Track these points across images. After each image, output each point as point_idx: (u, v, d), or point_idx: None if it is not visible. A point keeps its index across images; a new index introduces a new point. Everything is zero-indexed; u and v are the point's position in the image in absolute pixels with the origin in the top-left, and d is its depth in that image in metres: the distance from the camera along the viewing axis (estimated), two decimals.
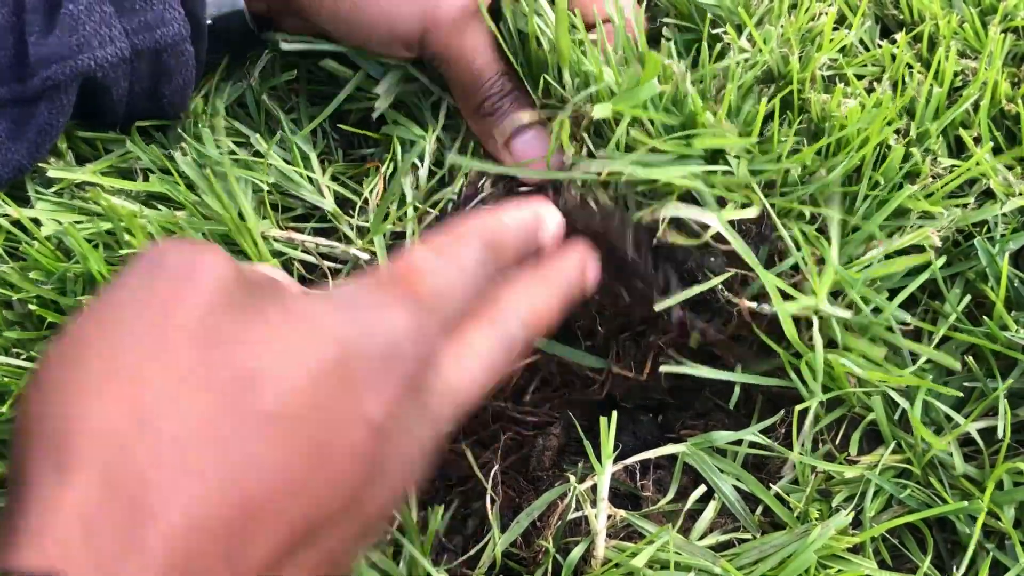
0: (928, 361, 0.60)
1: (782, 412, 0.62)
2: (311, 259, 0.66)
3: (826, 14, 0.69)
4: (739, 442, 0.61)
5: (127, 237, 0.60)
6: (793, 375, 0.59)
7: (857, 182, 0.63)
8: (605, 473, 0.56)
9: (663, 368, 0.60)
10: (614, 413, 0.57)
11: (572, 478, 0.59)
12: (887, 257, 0.62)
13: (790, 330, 0.58)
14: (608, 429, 0.56)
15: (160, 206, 0.65)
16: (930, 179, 0.65)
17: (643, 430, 0.66)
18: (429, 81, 0.69)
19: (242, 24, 0.66)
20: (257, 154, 0.68)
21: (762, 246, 0.60)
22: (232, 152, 0.67)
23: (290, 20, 0.68)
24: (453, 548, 0.59)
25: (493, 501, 0.60)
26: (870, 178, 0.63)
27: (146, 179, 0.66)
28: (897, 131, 0.66)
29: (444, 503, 0.61)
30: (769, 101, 0.62)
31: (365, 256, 0.66)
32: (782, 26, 0.69)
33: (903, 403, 0.59)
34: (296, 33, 0.68)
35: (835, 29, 0.71)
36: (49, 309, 0.60)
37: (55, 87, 0.58)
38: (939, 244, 0.62)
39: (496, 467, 0.61)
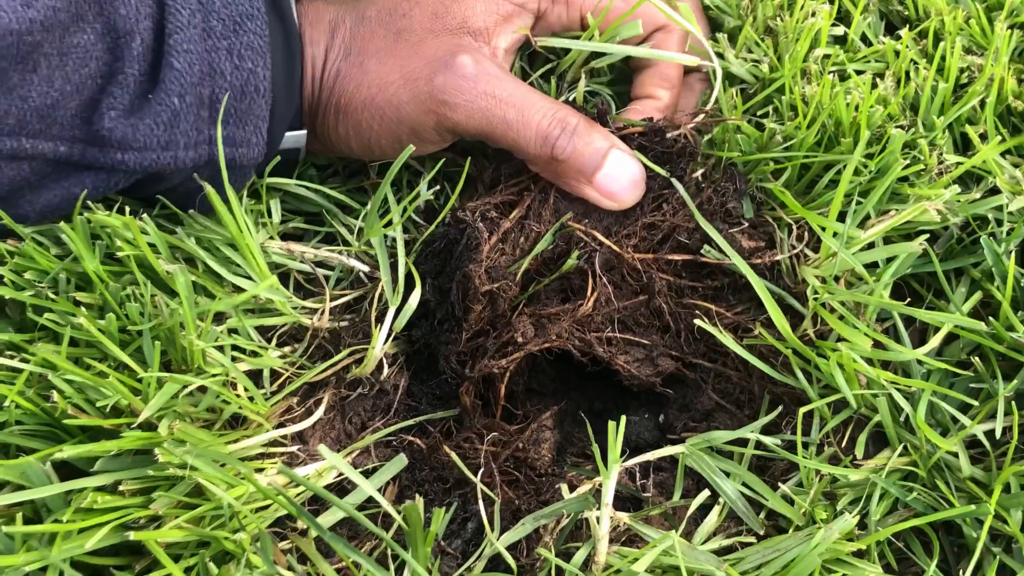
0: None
1: (780, 408, 0.60)
2: (309, 269, 0.65)
3: (820, 13, 0.68)
4: (743, 443, 0.59)
5: (119, 243, 0.58)
6: (800, 375, 0.58)
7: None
8: (611, 478, 0.54)
9: (697, 322, 0.60)
10: (623, 418, 0.55)
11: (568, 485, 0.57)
12: (886, 242, 0.61)
13: (779, 319, 0.57)
14: (616, 433, 0.54)
15: (160, 219, 0.63)
16: (936, 174, 0.64)
17: (644, 430, 0.65)
18: None
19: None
20: None
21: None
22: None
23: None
24: (452, 552, 0.57)
25: (492, 503, 0.58)
26: (865, 165, 0.62)
27: None
28: (900, 126, 0.64)
29: (444, 506, 0.60)
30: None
31: (363, 267, 0.65)
32: (778, 22, 0.68)
33: (906, 406, 0.58)
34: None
35: (835, 25, 0.70)
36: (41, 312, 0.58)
37: (120, 171, 0.56)
38: (937, 217, 0.60)
39: (493, 466, 0.60)
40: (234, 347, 0.59)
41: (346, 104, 0.63)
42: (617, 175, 0.62)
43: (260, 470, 0.57)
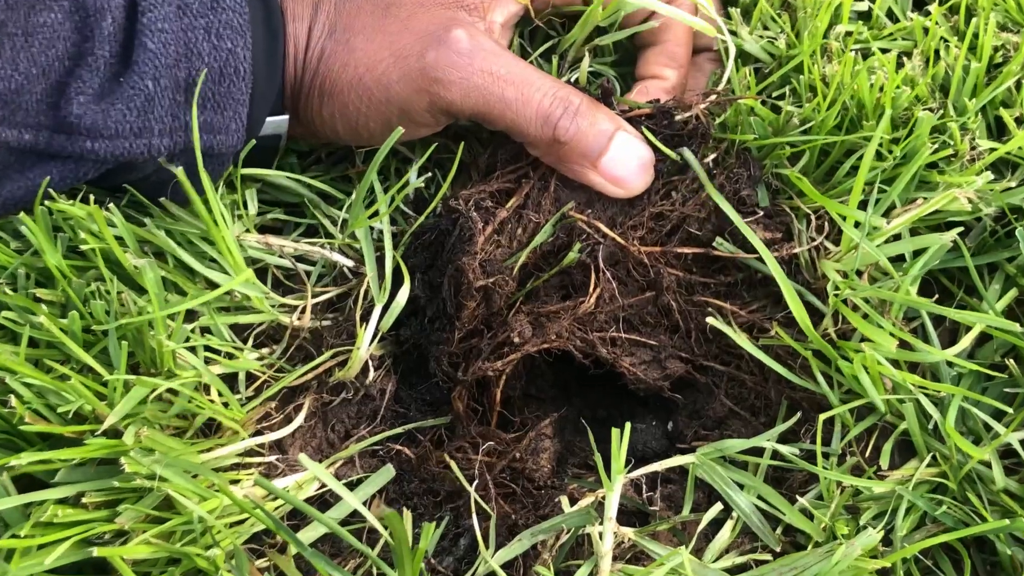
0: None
1: (799, 415, 0.60)
2: (288, 263, 0.65)
3: None
4: (758, 452, 0.59)
5: (82, 235, 0.58)
6: (821, 379, 0.58)
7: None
8: (615, 491, 0.54)
9: (709, 320, 0.60)
10: (628, 425, 0.55)
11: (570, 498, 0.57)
12: (913, 234, 0.61)
13: (802, 317, 0.56)
14: (620, 442, 0.54)
15: (128, 210, 0.63)
16: (967, 160, 0.63)
17: (651, 439, 0.65)
18: None
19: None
20: None
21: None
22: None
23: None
24: (443, 571, 0.57)
25: (487, 517, 0.58)
26: (890, 150, 0.61)
27: None
28: (929, 109, 0.64)
29: (434, 520, 0.59)
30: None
31: (347, 262, 0.65)
32: None
33: (935, 413, 0.57)
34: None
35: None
36: None
37: (89, 161, 0.56)
38: (968, 207, 0.60)
39: (488, 477, 0.60)
40: (207, 348, 0.59)
41: (331, 85, 0.63)
42: (624, 158, 0.62)
43: (235, 481, 0.57)
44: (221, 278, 0.60)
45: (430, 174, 0.69)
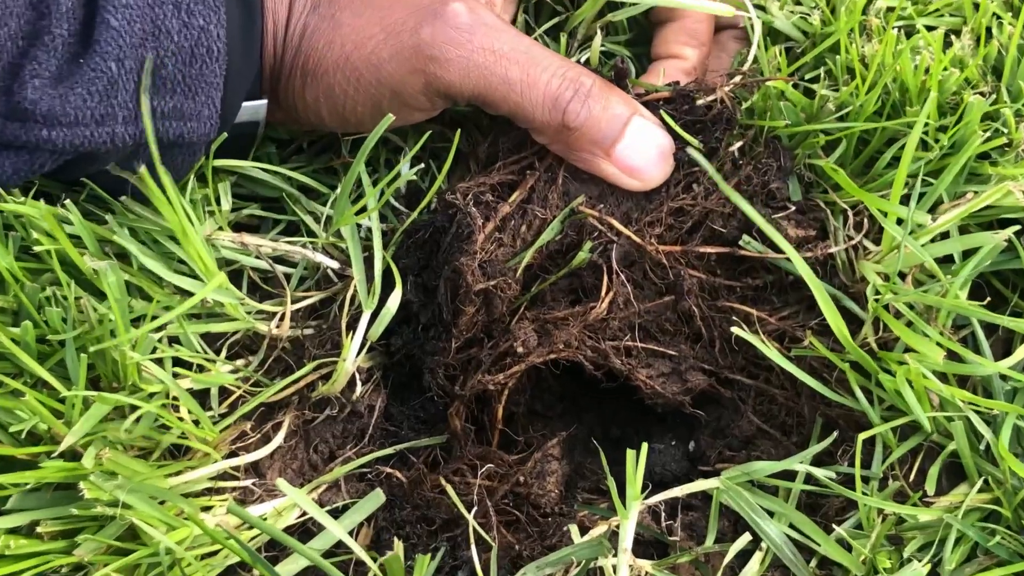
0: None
1: (835, 434, 0.59)
2: (266, 265, 0.64)
3: None
4: (789, 476, 0.58)
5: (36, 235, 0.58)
6: (860, 394, 0.57)
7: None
8: (630, 519, 0.53)
9: (735, 328, 0.60)
10: (644, 445, 0.54)
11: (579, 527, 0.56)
12: (962, 232, 0.60)
13: (838, 325, 0.56)
14: (636, 464, 0.54)
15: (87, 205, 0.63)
16: (1023, 150, 0.63)
17: (670, 461, 0.65)
18: None
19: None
20: None
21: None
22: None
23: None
24: None
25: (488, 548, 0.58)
26: (936, 138, 0.61)
27: None
28: (980, 93, 0.64)
29: (429, 551, 0.59)
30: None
31: (332, 263, 0.65)
32: None
33: (987, 432, 0.57)
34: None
35: None
36: None
37: (46, 151, 0.55)
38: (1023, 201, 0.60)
39: (488, 503, 0.60)
40: (176, 360, 0.59)
41: (315, 65, 0.62)
42: (640, 146, 0.62)
43: (207, 509, 0.57)
44: (190, 284, 0.60)
45: (424, 165, 0.69)
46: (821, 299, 0.58)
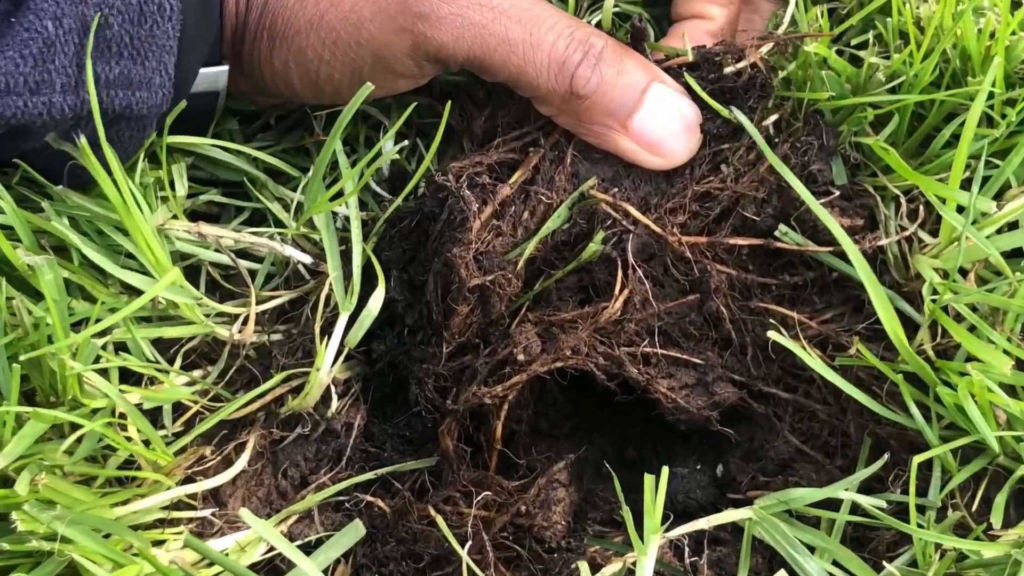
0: None
1: (886, 457, 0.59)
2: (227, 260, 0.64)
3: None
4: (833, 505, 0.58)
5: None
6: (915, 410, 0.56)
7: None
8: (649, 555, 0.53)
9: (771, 333, 0.60)
10: (665, 469, 0.54)
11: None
12: None
13: (895, 331, 0.55)
14: (655, 491, 0.53)
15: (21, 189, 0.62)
16: None
17: (695, 487, 0.64)
18: None
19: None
20: None
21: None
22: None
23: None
24: None
25: None
26: (1003, 114, 0.61)
27: None
28: None
29: None
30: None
31: (303, 258, 0.64)
32: None
33: None
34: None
35: None
36: None
37: None
38: None
39: (485, 537, 0.59)
40: (123, 371, 0.59)
41: (285, 25, 0.62)
42: (662, 117, 0.61)
43: (159, 543, 0.57)
44: (140, 280, 0.59)
45: (410, 143, 0.69)
46: (878, 300, 0.58)
